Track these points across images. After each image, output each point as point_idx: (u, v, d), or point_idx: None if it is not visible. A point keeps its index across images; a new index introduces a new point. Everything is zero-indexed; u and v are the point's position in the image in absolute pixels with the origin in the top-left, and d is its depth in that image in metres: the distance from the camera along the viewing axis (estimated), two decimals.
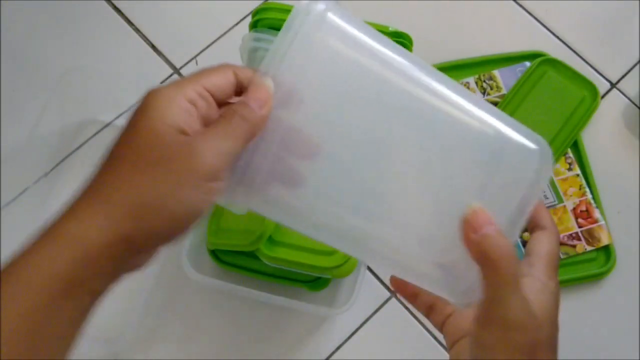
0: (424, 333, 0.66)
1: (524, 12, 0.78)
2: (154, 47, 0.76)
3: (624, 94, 0.75)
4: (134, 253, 0.30)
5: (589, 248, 0.67)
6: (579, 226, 0.68)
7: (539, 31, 0.77)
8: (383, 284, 0.67)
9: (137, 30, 0.77)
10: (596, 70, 0.75)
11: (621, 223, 0.69)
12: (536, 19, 0.78)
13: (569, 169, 0.70)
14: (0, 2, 0.77)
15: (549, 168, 0.35)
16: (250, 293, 0.61)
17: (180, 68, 0.76)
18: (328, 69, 0.33)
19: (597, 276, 0.67)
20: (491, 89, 0.73)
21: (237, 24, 0.77)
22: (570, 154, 0.71)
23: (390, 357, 0.66)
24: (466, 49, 0.76)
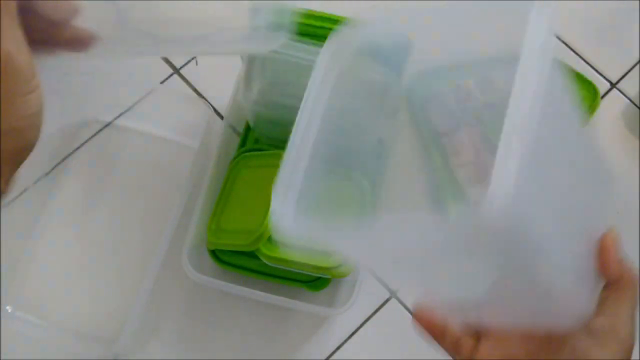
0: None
1: None
2: None
3: (624, 94, 0.75)
4: None
5: None
6: None
7: None
8: (383, 284, 0.67)
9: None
10: (596, 70, 0.75)
11: (621, 223, 0.69)
12: None
13: None
14: None
15: None
16: (250, 293, 0.61)
17: (180, 68, 0.76)
18: None
19: None
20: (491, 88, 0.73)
21: None
22: None
23: (390, 357, 0.66)
24: (466, 49, 0.75)
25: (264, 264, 0.61)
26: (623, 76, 0.75)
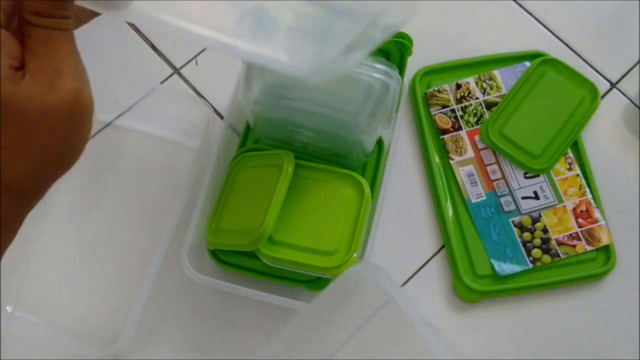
0: None
1: (524, 12, 0.78)
2: (154, 47, 0.76)
3: (624, 94, 0.75)
4: None
5: (589, 248, 0.67)
6: (579, 226, 0.68)
7: (539, 31, 0.77)
8: (383, 284, 0.67)
9: (137, 30, 0.77)
10: (596, 70, 0.75)
11: (621, 223, 0.69)
12: (536, 18, 0.78)
13: (569, 169, 0.70)
14: None
15: None
16: (250, 293, 0.61)
17: (180, 68, 0.76)
18: None
19: (597, 276, 0.67)
20: (491, 89, 0.73)
21: None
22: (570, 154, 0.71)
23: (390, 357, 0.65)
24: (466, 49, 0.76)
25: (264, 264, 0.61)
26: (623, 76, 0.75)
